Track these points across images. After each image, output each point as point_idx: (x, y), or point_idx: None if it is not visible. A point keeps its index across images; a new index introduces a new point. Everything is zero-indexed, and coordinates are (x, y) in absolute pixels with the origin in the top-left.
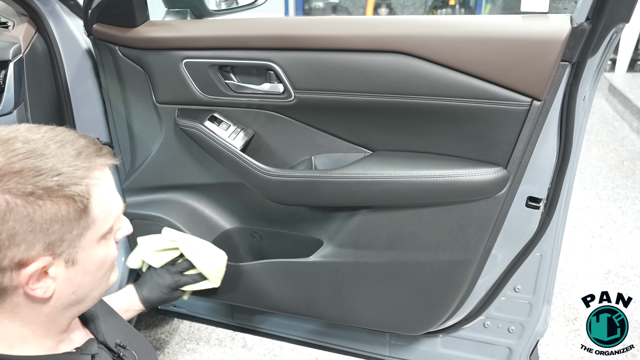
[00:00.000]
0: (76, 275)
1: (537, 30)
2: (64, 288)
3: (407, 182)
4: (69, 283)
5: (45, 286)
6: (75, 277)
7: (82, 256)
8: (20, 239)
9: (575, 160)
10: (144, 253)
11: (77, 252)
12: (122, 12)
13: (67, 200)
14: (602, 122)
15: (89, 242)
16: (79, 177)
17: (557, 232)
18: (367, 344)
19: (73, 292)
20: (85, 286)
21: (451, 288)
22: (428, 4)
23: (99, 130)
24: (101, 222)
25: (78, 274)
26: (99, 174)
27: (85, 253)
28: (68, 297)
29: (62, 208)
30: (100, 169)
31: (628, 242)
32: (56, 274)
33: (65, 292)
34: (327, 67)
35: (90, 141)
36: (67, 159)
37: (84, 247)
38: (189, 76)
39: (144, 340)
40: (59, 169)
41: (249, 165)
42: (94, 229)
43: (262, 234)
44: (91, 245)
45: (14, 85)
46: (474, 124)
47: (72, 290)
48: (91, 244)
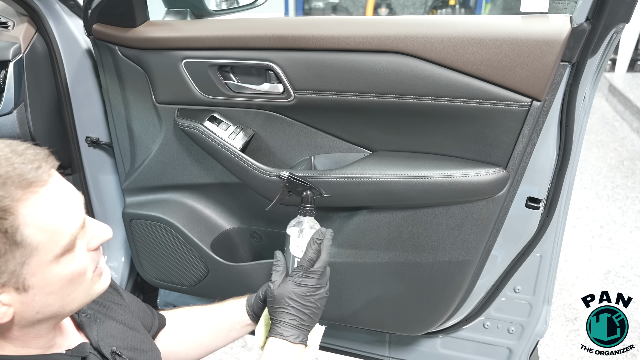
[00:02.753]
0: (34, 298)
1: (537, 31)
2: (24, 310)
3: (406, 182)
4: (28, 306)
5: (1, 312)
6: (34, 300)
7: (35, 280)
8: None
9: (575, 161)
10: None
11: (25, 279)
12: (122, 12)
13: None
14: (602, 122)
15: (39, 266)
16: (2, 209)
17: (557, 232)
18: (366, 344)
19: (37, 312)
20: (51, 305)
21: (451, 288)
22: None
23: (98, 130)
24: (47, 246)
25: (37, 297)
26: (34, 198)
27: (38, 277)
28: (33, 317)
29: None
30: (36, 192)
31: (628, 242)
32: (10, 301)
33: (28, 314)
34: (326, 68)
35: (29, 156)
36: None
37: (34, 273)
38: (189, 76)
39: (152, 349)
40: None
41: (248, 166)
42: (39, 254)
43: (262, 234)
44: (44, 268)
45: (14, 85)
46: (474, 124)
47: (35, 311)
48: (43, 267)
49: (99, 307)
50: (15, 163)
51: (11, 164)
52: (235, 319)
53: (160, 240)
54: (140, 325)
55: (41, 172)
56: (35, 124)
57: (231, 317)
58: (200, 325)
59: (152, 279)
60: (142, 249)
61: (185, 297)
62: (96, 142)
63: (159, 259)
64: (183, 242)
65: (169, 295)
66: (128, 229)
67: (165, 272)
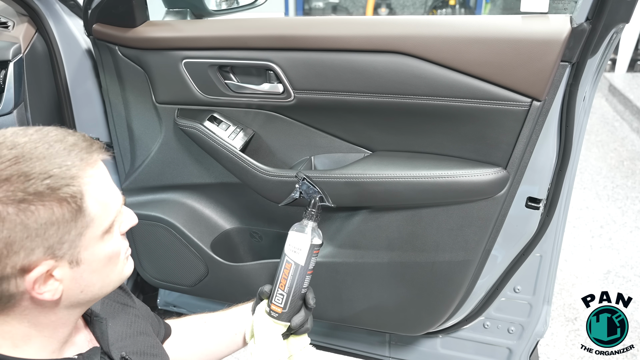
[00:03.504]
0: (82, 275)
1: (536, 31)
2: (71, 288)
3: (406, 182)
4: (76, 283)
5: (52, 289)
6: (82, 277)
7: (86, 255)
8: (18, 247)
9: (575, 161)
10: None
11: (79, 252)
12: (122, 12)
13: (60, 202)
14: (602, 122)
15: (91, 240)
16: (70, 177)
17: (557, 232)
18: (367, 344)
19: (81, 291)
20: (94, 284)
21: (451, 288)
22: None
23: (98, 130)
24: (100, 219)
25: (85, 273)
26: (91, 171)
27: (89, 252)
28: (76, 296)
29: (56, 211)
30: (93, 165)
31: (628, 242)
32: (62, 276)
33: (73, 292)
34: (326, 67)
35: (80, 138)
36: (57, 160)
37: (87, 246)
38: (189, 76)
39: (161, 354)
40: (48, 171)
41: (248, 166)
42: (94, 227)
43: (262, 234)
44: (94, 243)
45: (14, 85)
46: (474, 124)
47: (80, 289)
48: (94, 242)
49: (111, 310)
50: (70, 141)
51: (67, 142)
52: (241, 324)
53: (160, 240)
54: (150, 330)
55: (94, 150)
56: (35, 124)
57: (237, 323)
58: (207, 331)
59: (152, 279)
60: (142, 249)
61: (185, 297)
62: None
63: (159, 259)
64: (183, 242)
65: (169, 295)
66: (128, 229)
67: (165, 272)
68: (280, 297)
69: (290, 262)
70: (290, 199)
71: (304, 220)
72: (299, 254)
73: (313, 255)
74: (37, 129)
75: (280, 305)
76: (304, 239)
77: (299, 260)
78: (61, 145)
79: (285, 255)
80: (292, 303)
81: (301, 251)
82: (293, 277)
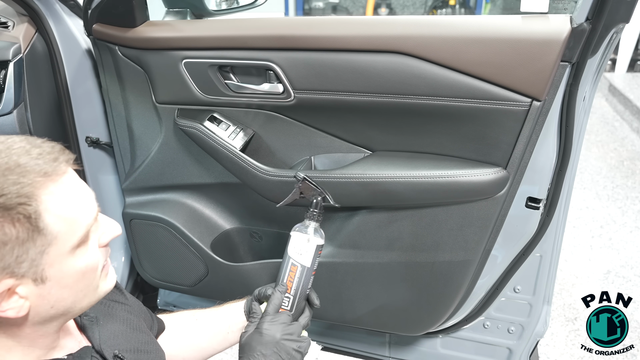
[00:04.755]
0: (50, 291)
1: (536, 31)
2: (39, 305)
3: (406, 182)
4: (44, 299)
5: (17, 306)
6: (50, 293)
7: (53, 272)
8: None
9: (575, 161)
10: None
11: (43, 269)
12: (122, 12)
13: (12, 222)
14: (602, 122)
15: (57, 257)
16: (26, 195)
17: (557, 232)
18: (366, 344)
19: (51, 306)
20: (65, 299)
21: (451, 288)
22: (428, 4)
23: (99, 130)
24: (66, 235)
25: (52, 289)
26: (53, 187)
27: (56, 268)
28: (47, 312)
29: (8, 232)
30: (55, 180)
31: (628, 242)
32: (27, 293)
33: (42, 308)
34: (326, 67)
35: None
36: (12, 178)
37: (52, 263)
38: (189, 76)
39: (156, 350)
40: (2, 189)
41: (248, 166)
42: (58, 244)
43: (262, 234)
44: (61, 259)
45: (14, 85)
46: (474, 124)
47: (49, 305)
48: (61, 259)
49: (103, 307)
50: (34, 154)
51: (30, 155)
52: (233, 321)
53: (160, 240)
54: (144, 326)
55: (59, 163)
56: (35, 124)
57: (229, 320)
58: (199, 328)
59: (152, 279)
60: (142, 249)
61: (185, 297)
62: (96, 142)
63: (159, 259)
64: (183, 242)
65: (169, 295)
66: (128, 229)
67: (165, 272)
68: (287, 300)
69: (296, 265)
70: (290, 200)
71: (306, 221)
72: (305, 256)
73: (317, 255)
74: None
75: (287, 308)
76: (308, 240)
77: (305, 262)
78: (24, 158)
79: (290, 258)
80: (297, 304)
81: (307, 253)
82: (299, 279)
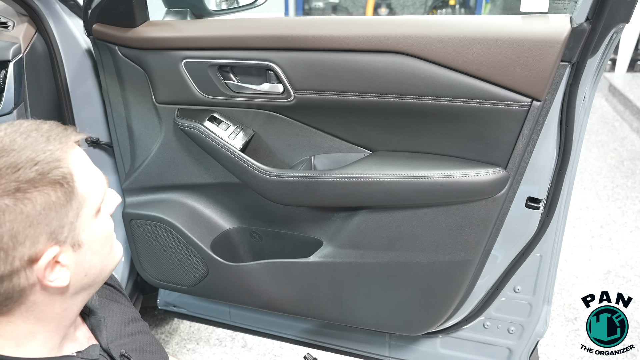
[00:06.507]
0: (85, 257)
1: (536, 31)
2: (77, 272)
3: (406, 182)
4: (81, 266)
5: (61, 275)
6: (85, 259)
7: (85, 236)
8: (22, 237)
9: (575, 161)
10: None
11: (79, 233)
12: (122, 12)
13: (53, 186)
14: (602, 122)
15: (87, 220)
16: (56, 160)
17: (557, 232)
18: (366, 345)
19: (85, 274)
20: (95, 266)
21: (451, 288)
22: (428, 4)
23: (99, 130)
24: (91, 198)
25: (87, 255)
26: (73, 152)
27: (87, 233)
28: (81, 280)
29: (51, 195)
30: (73, 147)
31: (628, 242)
32: (68, 261)
33: (79, 277)
34: (326, 67)
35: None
36: (39, 147)
37: (84, 227)
38: (189, 76)
39: (160, 351)
40: (34, 158)
41: (248, 166)
42: (87, 206)
43: (262, 234)
44: (89, 223)
45: (14, 85)
46: (474, 124)
47: (84, 272)
48: (89, 222)
49: (108, 309)
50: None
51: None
52: None
53: (160, 240)
54: (148, 329)
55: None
56: None
57: None
58: None
59: (152, 279)
60: (142, 249)
61: (185, 297)
62: (96, 142)
63: (159, 259)
64: (183, 242)
65: (169, 295)
66: (128, 229)
67: (165, 272)
68: None
69: None
70: None
71: None
72: None
73: None
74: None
75: None
76: None
77: None
78: (37, 133)
79: None
80: None
81: None
82: None
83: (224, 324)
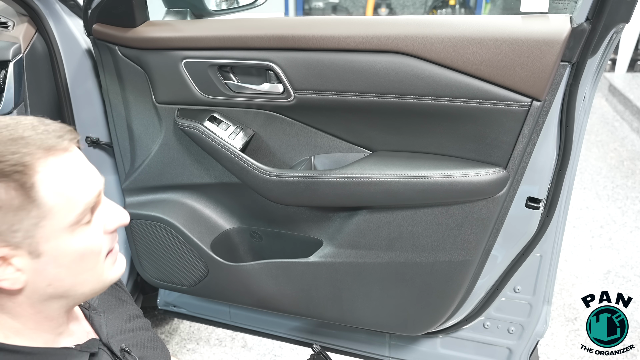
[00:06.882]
0: (46, 267)
1: (536, 31)
2: (36, 280)
3: (406, 182)
4: (40, 275)
5: (12, 278)
6: (46, 270)
7: (48, 247)
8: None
9: (575, 161)
10: None
11: (38, 242)
12: (122, 12)
13: (6, 188)
14: (602, 122)
15: (52, 232)
16: (23, 164)
17: (557, 232)
18: (366, 344)
19: (48, 284)
20: (62, 280)
21: (451, 288)
22: (428, 4)
23: (99, 130)
24: (62, 211)
25: (49, 266)
26: (54, 161)
27: (52, 244)
28: (44, 289)
29: (2, 196)
30: (57, 155)
31: (628, 242)
32: (23, 266)
33: (39, 285)
34: (326, 67)
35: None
36: (14, 147)
37: (47, 238)
38: (189, 76)
39: (161, 348)
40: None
41: (248, 166)
42: (54, 219)
43: (262, 234)
44: (57, 235)
45: (14, 85)
46: (474, 124)
47: (46, 282)
48: (56, 235)
49: (110, 305)
50: (40, 130)
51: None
52: None
53: (160, 240)
54: (149, 326)
55: (62, 140)
56: None
57: None
58: None
59: (152, 279)
60: (142, 249)
61: (185, 297)
62: (96, 142)
63: (159, 259)
64: (183, 242)
65: (169, 295)
66: (128, 229)
67: (165, 272)
68: None
69: None
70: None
71: None
72: None
73: None
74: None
75: None
76: None
77: None
78: (29, 132)
79: None
80: None
81: None
82: None
83: (224, 324)
